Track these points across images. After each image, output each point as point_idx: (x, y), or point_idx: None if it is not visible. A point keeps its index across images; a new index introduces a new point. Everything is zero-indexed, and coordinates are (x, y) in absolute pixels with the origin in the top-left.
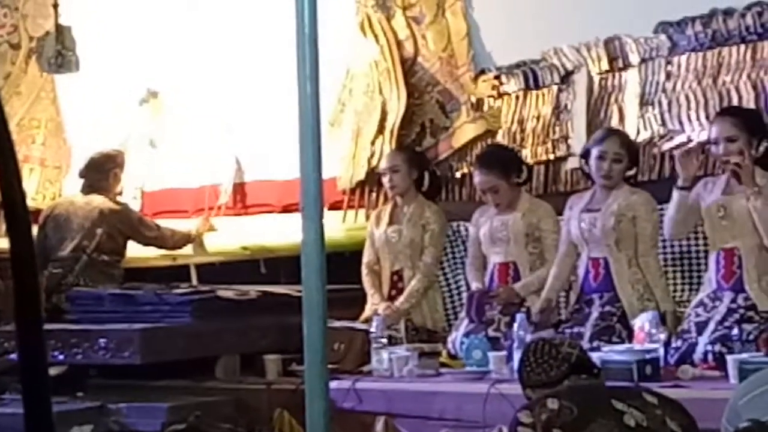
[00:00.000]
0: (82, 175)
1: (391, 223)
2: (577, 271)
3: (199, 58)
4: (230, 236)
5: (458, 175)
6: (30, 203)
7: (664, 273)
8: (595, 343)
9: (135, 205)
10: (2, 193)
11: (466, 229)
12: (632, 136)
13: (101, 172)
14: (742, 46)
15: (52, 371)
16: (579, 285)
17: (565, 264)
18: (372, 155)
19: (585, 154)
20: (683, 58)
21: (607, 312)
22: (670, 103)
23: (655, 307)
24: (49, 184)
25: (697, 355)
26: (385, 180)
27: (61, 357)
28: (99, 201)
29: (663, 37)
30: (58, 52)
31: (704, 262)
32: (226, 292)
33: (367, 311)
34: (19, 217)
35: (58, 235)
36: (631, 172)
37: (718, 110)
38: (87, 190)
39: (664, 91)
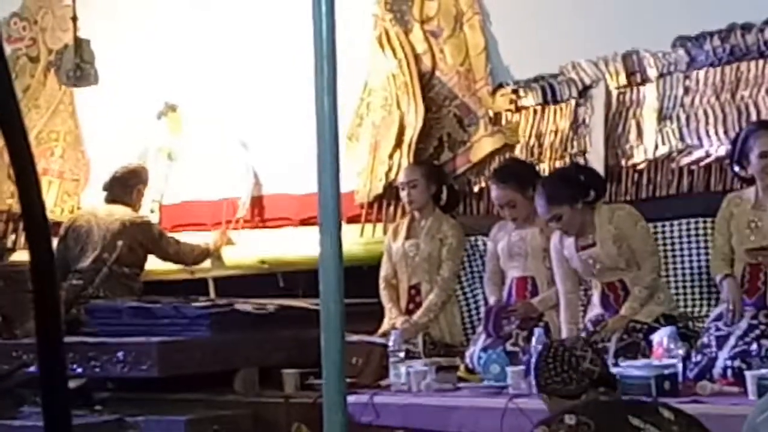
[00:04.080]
0: (106, 188)
1: (408, 237)
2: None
3: (217, 72)
4: (248, 250)
5: (476, 189)
6: (48, 216)
7: (683, 287)
8: (620, 360)
9: (152, 219)
10: (22, 205)
11: (484, 244)
12: (650, 151)
13: (126, 186)
14: (761, 61)
15: (70, 384)
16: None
17: (574, 302)
18: (390, 169)
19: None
20: (701, 72)
21: (632, 328)
22: (688, 118)
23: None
24: (68, 197)
25: (717, 371)
26: (403, 194)
27: (79, 370)
28: (121, 213)
29: (681, 51)
30: (77, 65)
31: None
32: (244, 306)
33: (385, 325)
34: (40, 228)
35: (79, 247)
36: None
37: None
38: (110, 203)
39: (682, 105)
